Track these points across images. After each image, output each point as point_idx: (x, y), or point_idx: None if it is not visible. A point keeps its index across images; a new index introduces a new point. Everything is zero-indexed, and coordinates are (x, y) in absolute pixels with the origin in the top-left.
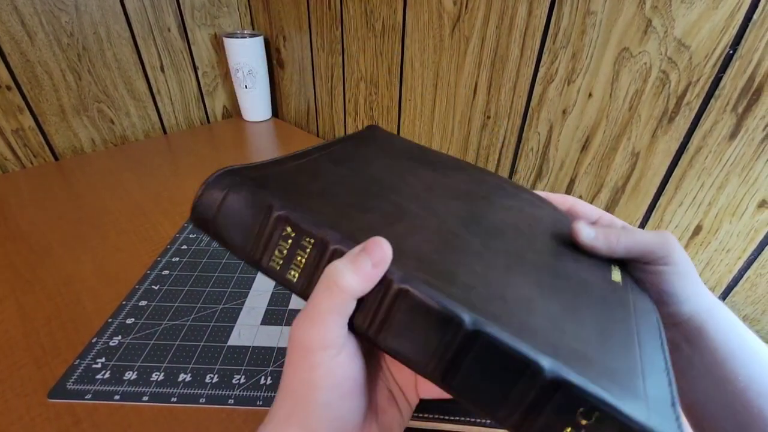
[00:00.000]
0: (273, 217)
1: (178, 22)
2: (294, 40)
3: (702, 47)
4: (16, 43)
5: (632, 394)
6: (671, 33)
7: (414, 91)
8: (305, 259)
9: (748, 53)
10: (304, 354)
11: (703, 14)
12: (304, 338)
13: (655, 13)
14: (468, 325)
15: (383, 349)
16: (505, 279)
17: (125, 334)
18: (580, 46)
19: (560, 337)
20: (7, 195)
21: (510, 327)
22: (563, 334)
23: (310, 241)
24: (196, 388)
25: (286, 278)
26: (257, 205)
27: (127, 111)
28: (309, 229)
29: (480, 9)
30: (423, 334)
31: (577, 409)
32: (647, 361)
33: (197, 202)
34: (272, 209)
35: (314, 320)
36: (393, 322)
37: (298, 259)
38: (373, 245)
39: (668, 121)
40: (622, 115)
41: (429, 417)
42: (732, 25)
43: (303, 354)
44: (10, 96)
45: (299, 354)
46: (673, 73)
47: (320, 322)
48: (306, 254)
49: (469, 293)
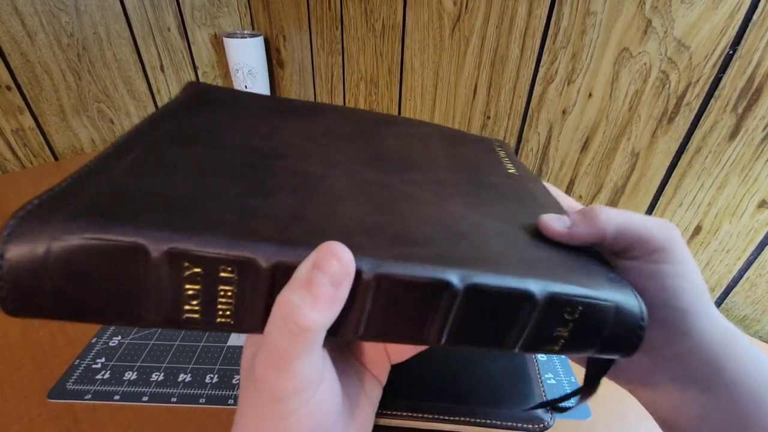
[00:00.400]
0: (153, 259)
1: (178, 22)
2: (294, 40)
3: (702, 47)
4: (16, 43)
5: (597, 283)
6: (671, 33)
7: (414, 91)
8: (234, 293)
9: (748, 54)
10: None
11: (703, 14)
12: (272, 385)
13: (655, 13)
14: (457, 284)
15: (372, 341)
16: (448, 211)
17: (125, 334)
18: (580, 46)
19: (529, 253)
20: (7, 195)
21: (488, 265)
22: (527, 249)
23: (229, 270)
24: (196, 389)
25: (217, 324)
26: (119, 253)
27: (127, 111)
28: (220, 255)
29: (480, 9)
30: (413, 311)
31: (564, 310)
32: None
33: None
34: (147, 250)
35: (279, 367)
36: (377, 314)
37: (223, 297)
38: (325, 257)
39: (668, 122)
40: (621, 116)
41: (429, 417)
42: (732, 26)
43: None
44: (10, 96)
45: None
46: (673, 73)
47: (286, 369)
48: (232, 287)
49: (435, 246)
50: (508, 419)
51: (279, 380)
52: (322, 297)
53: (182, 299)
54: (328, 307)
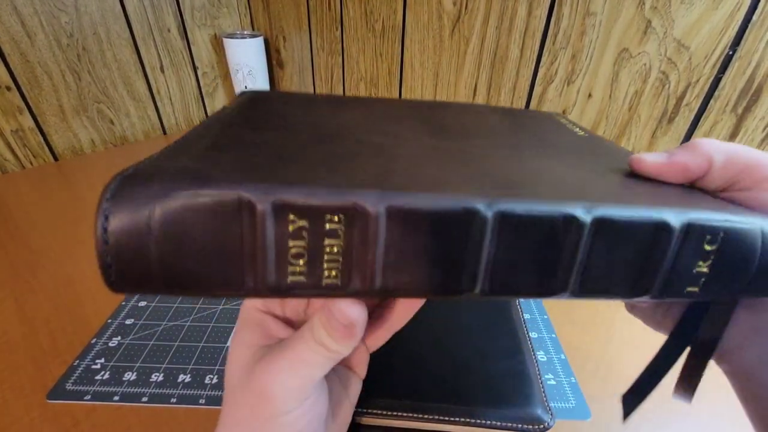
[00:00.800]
0: (259, 213)
1: (177, 23)
2: (294, 40)
3: (701, 48)
4: (16, 43)
5: (729, 209)
6: (671, 34)
7: (414, 92)
8: (341, 248)
9: (748, 54)
10: (260, 401)
11: (703, 15)
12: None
13: (654, 13)
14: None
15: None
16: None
17: (125, 335)
18: (579, 46)
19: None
20: (7, 195)
21: (609, 198)
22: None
23: (336, 221)
24: (196, 389)
25: (323, 287)
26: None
27: (127, 111)
28: (326, 203)
29: (480, 9)
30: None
31: (703, 239)
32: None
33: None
34: (253, 203)
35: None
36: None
37: (329, 254)
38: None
39: (668, 122)
40: (621, 116)
41: (428, 418)
42: (731, 26)
43: (260, 402)
44: (10, 96)
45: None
46: (673, 73)
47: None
48: (339, 240)
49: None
50: (508, 420)
51: (288, 379)
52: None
53: (288, 259)
54: (347, 341)
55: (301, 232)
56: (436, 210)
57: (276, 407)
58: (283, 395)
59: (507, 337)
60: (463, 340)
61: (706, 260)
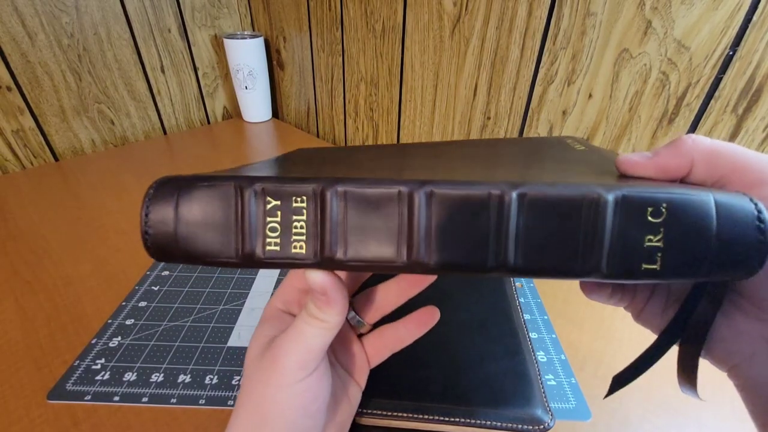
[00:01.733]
0: (247, 195)
1: (178, 23)
2: (294, 41)
3: (702, 48)
4: (16, 43)
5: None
6: (671, 34)
7: (414, 92)
8: (305, 221)
9: (748, 54)
10: (274, 370)
11: (703, 15)
12: (282, 358)
13: (654, 14)
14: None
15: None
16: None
17: (125, 335)
18: (580, 47)
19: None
20: (7, 195)
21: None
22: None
23: (301, 200)
24: (196, 389)
25: (291, 255)
26: (221, 192)
27: (128, 112)
28: (294, 189)
29: (480, 10)
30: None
31: (645, 211)
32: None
33: (147, 226)
34: (242, 189)
35: (299, 340)
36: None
37: (296, 225)
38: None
39: (668, 122)
40: (622, 116)
41: (429, 418)
42: (732, 26)
43: (273, 370)
44: (11, 97)
45: (270, 367)
46: (673, 74)
47: (304, 341)
48: (304, 215)
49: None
50: (508, 420)
51: (292, 348)
52: (321, 303)
53: (265, 231)
54: (328, 309)
55: (275, 213)
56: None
57: (284, 375)
58: (289, 363)
59: (507, 338)
60: (464, 341)
61: (656, 234)
